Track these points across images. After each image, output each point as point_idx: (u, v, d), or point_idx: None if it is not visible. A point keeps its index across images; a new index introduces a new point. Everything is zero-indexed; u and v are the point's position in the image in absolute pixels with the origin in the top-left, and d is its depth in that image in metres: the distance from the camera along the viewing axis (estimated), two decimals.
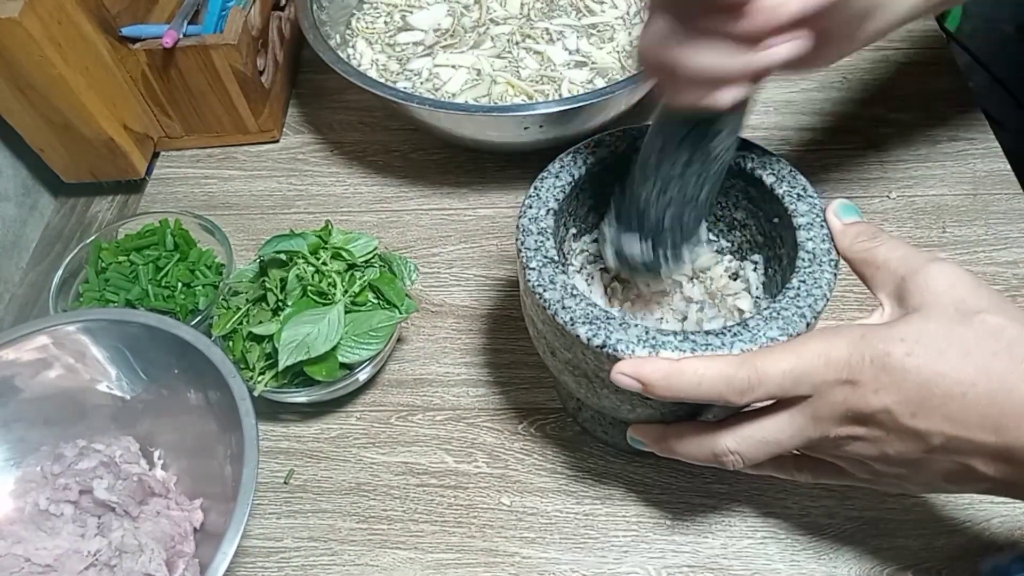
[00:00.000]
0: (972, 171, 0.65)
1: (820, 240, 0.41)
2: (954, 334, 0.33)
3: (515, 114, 0.58)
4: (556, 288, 0.40)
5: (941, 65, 0.72)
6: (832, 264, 0.40)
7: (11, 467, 0.49)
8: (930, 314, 0.34)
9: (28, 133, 0.63)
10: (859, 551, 0.47)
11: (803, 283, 0.39)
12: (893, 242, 0.38)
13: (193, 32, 0.65)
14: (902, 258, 0.36)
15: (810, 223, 0.41)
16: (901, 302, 0.36)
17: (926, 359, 0.32)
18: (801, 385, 0.34)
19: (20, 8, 0.55)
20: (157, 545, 0.45)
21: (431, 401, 0.56)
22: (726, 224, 0.49)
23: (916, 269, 0.35)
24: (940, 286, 0.34)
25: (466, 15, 0.74)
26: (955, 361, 0.32)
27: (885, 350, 0.33)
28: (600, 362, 0.39)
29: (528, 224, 0.43)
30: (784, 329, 0.37)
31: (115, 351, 0.49)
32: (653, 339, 0.37)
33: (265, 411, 0.55)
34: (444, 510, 0.51)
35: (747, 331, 0.37)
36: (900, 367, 0.33)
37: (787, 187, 0.43)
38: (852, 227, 0.40)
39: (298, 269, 0.51)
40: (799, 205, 0.42)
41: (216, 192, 0.69)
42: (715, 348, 0.36)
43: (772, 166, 0.44)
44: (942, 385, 0.32)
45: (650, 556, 0.48)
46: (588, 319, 0.38)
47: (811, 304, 0.38)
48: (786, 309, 0.38)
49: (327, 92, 0.76)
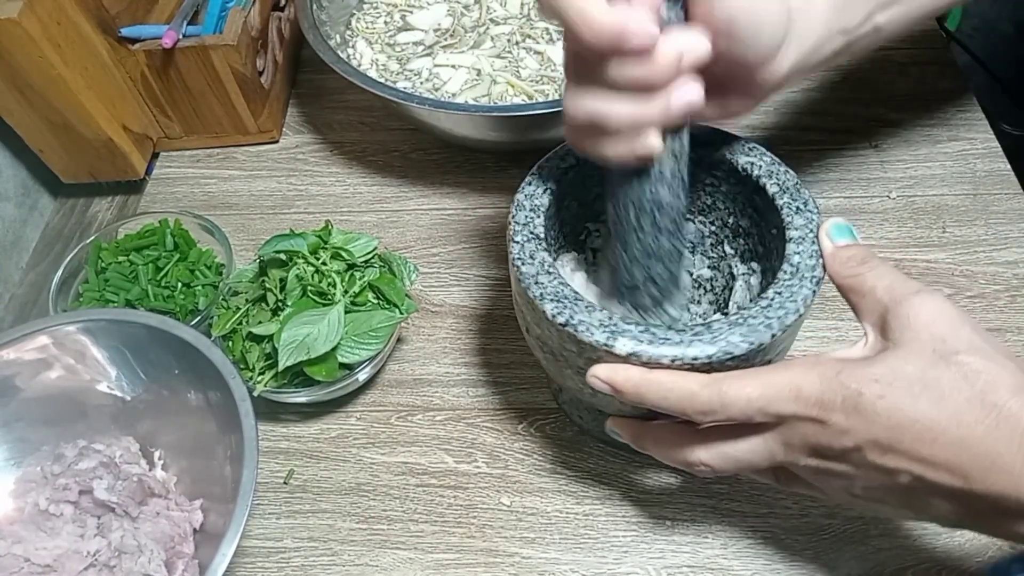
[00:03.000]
0: (972, 171, 0.65)
1: (808, 256, 0.40)
2: (929, 377, 0.32)
3: (515, 114, 0.58)
4: (534, 263, 0.41)
5: (941, 65, 0.72)
6: (813, 281, 0.39)
7: (11, 467, 0.49)
8: (908, 354, 0.33)
9: (27, 133, 0.63)
10: (859, 551, 0.47)
11: (779, 295, 0.38)
12: (881, 269, 0.37)
13: (192, 32, 0.65)
14: (887, 287, 0.36)
15: (802, 237, 0.40)
16: (883, 333, 0.35)
17: (898, 402, 0.32)
18: (766, 414, 0.35)
19: (19, 8, 0.55)
20: (157, 546, 0.45)
21: (431, 401, 0.56)
22: (731, 230, 0.49)
23: (899, 300, 0.35)
24: (921, 322, 0.34)
25: (466, 15, 0.74)
26: (927, 406, 0.32)
27: (858, 390, 0.33)
28: (563, 340, 0.39)
29: (523, 200, 0.44)
30: (746, 336, 0.37)
31: (115, 351, 0.49)
32: (614, 326, 0.38)
33: (265, 411, 0.55)
34: (444, 510, 0.51)
35: (708, 332, 0.37)
36: (871, 410, 0.33)
37: (788, 199, 0.42)
38: (843, 250, 0.39)
39: (298, 269, 0.51)
40: (795, 218, 0.41)
41: (216, 192, 0.69)
42: (673, 343, 0.37)
43: (779, 176, 0.43)
44: (912, 430, 0.32)
45: (650, 556, 0.48)
46: (557, 297, 0.39)
47: (781, 317, 0.37)
48: (754, 317, 0.37)
49: (327, 92, 0.76)
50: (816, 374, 0.34)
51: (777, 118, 0.70)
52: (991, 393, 0.32)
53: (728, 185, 0.46)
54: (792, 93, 0.71)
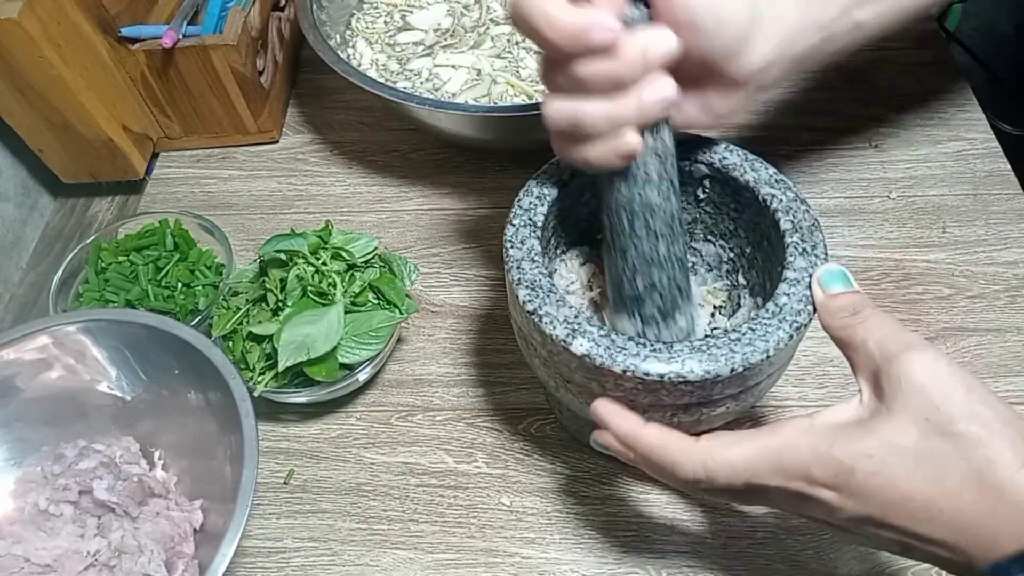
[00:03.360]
0: (972, 171, 0.65)
1: (796, 299, 0.38)
2: (923, 451, 0.31)
3: (515, 114, 0.58)
4: (523, 248, 0.41)
5: (941, 65, 0.72)
6: (793, 326, 0.37)
7: (11, 467, 0.49)
8: (901, 423, 0.32)
9: (27, 133, 0.63)
10: (859, 551, 0.47)
11: (752, 331, 0.37)
12: (872, 321, 0.35)
13: (192, 32, 0.65)
14: (878, 342, 0.34)
15: (798, 280, 0.39)
16: (877, 391, 0.34)
17: (892, 480, 0.31)
18: (750, 485, 0.35)
19: (19, 8, 0.55)
20: (157, 546, 0.45)
21: (431, 401, 0.56)
22: (747, 260, 0.48)
23: (890, 359, 0.33)
24: (913, 386, 0.32)
25: (466, 15, 0.74)
26: (922, 484, 0.31)
27: (851, 467, 0.32)
28: (530, 328, 0.40)
29: (533, 186, 0.44)
30: (704, 364, 0.36)
31: (115, 351, 0.49)
32: (577, 324, 0.38)
33: (265, 411, 0.55)
34: (444, 510, 0.51)
35: (668, 352, 0.37)
36: (865, 486, 0.32)
37: (798, 239, 0.41)
38: (835, 299, 0.37)
39: (298, 269, 0.51)
40: (798, 260, 0.40)
41: (216, 192, 0.69)
42: (629, 354, 0.37)
43: (796, 214, 0.42)
44: (908, 508, 0.31)
45: (650, 556, 0.48)
46: (532, 285, 0.40)
47: (746, 354, 0.36)
48: (718, 348, 0.37)
49: (327, 92, 0.76)
50: (807, 445, 0.33)
51: (777, 118, 0.70)
52: (989, 472, 0.30)
53: (750, 213, 0.45)
54: (792, 93, 0.71)
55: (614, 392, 0.39)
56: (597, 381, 0.39)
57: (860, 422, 0.34)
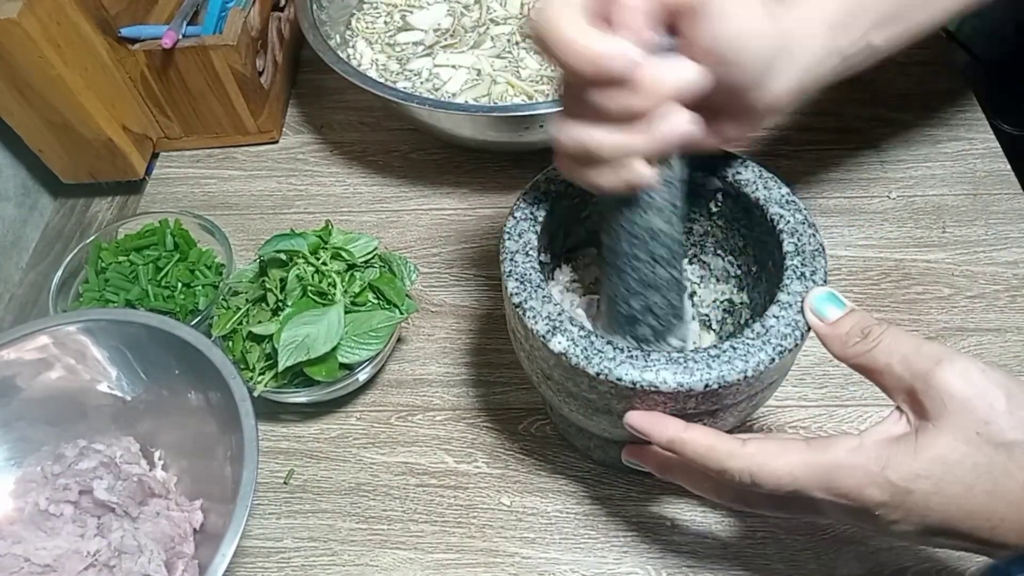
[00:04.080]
0: (972, 171, 0.65)
1: (784, 324, 0.37)
2: (980, 465, 0.32)
3: (515, 114, 0.58)
4: (519, 241, 0.41)
5: (941, 65, 0.72)
6: (776, 350, 0.37)
7: (11, 467, 0.49)
8: (951, 440, 0.32)
9: (27, 134, 0.63)
10: (858, 551, 0.47)
11: (733, 350, 0.37)
12: (888, 340, 0.35)
13: (192, 33, 0.65)
14: (905, 362, 0.34)
15: (790, 303, 0.38)
16: (917, 409, 0.33)
17: (952, 499, 0.32)
18: (797, 496, 0.35)
19: (19, 9, 0.55)
20: (156, 546, 0.45)
21: (431, 401, 0.56)
22: (753, 279, 0.47)
23: (924, 377, 0.33)
24: (957, 401, 0.32)
25: (466, 15, 0.74)
26: (983, 497, 0.32)
27: (907, 488, 0.32)
28: (516, 321, 0.40)
29: (542, 182, 0.44)
30: (678, 376, 0.36)
31: (115, 351, 0.49)
32: (559, 322, 0.38)
33: (265, 411, 0.55)
34: (444, 510, 0.51)
35: (643, 360, 0.37)
36: (924, 505, 0.32)
37: (798, 262, 0.40)
38: (839, 326, 0.36)
39: (298, 269, 0.51)
40: (794, 283, 0.39)
41: (216, 192, 0.69)
42: (605, 358, 0.36)
43: (800, 237, 0.41)
44: (969, 521, 0.32)
45: (650, 556, 0.48)
46: (522, 279, 0.40)
47: (723, 373, 0.36)
48: (695, 362, 0.36)
49: (327, 92, 0.76)
50: (859, 466, 0.33)
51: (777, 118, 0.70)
52: None
53: (760, 232, 0.44)
54: None
55: (589, 394, 0.39)
56: (572, 381, 0.39)
57: (908, 440, 0.33)
